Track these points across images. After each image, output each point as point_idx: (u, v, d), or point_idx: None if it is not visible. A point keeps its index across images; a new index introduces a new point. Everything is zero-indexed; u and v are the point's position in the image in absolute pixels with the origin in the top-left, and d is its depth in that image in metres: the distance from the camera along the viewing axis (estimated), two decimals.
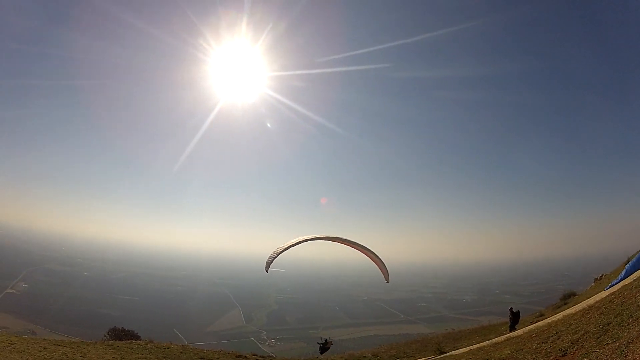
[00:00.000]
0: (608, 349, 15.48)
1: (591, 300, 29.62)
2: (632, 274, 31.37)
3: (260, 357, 42.56)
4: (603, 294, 28.90)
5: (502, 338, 31.55)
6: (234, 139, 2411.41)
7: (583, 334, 18.73)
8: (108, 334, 50.09)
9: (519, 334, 28.65)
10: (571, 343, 18.38)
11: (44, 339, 30.95)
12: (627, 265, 33.66)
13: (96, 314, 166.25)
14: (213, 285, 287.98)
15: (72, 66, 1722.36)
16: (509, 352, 22.52)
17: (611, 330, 17.41)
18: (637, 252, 35.52)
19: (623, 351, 14.43)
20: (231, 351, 41.07)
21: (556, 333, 21.67)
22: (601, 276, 46.78)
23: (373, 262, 36.34)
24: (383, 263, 35.81)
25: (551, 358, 18.08)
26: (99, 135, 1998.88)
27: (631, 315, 17.95)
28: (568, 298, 45.48)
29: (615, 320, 18.28)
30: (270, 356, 49.11)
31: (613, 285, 31.62)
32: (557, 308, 42.55)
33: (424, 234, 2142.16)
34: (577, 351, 17.20)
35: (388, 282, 37.24)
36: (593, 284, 46.57)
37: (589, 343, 17.27)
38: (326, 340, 38.29)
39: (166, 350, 35.49)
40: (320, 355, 39.65)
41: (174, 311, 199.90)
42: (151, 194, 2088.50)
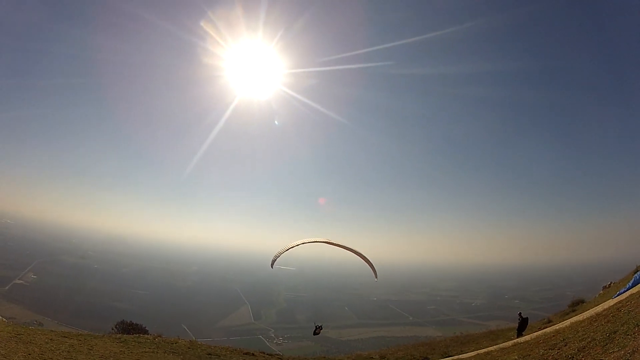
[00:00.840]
0: (613, 357, 15.57)
1: (599, 308, 29.60)
2: None
3: (267, 355, 42.77)
4: (611, 302, 28.88)
5: (510, 343, 31.67)
6: (249, 136, 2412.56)
7: (590, 342, 18.74)
8: (116, 327, 50.29)
9: (527, 340, 28.64)
10: (578, 350, 18.40)
11: (51, 331, 31.27)
12: (637, 274, 33.58)
13: (105, 307, 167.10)
14: (223, 281, 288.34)
15: (89, 64, 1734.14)
16: (516, 358, 22.62)
17: (617, 338, 17.45)
18: None
19: (628, 359, 14.49)
20: (239, 348, 41.36)
21: (563, 340, 21.67)
22: (610, 284, 46.68)
23: (365, 263, 38.01)
24: (371, 263, 37.59)
25: None
26: (114, 130, 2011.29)
27: (637, 324, 17.97)
28: (576, 305, 45.44)
29: (621, 328, 18.32)
30: (277, 354, 49.24)
31: (621, 293, 31.61)
32: (565, 315, 42.55)
33: (436, 236, 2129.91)
34: (584, 358, 17.27)
35: (377, 280, 38.50)
36: (601, 292, 46.46)
37: (595, 351, 17.31)
38: (319, 326, 40.07)
39: (174, 345, 35.80)
40: (312, 336, 43.05)
41: (183, 306, 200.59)
42: (165, 189, 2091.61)
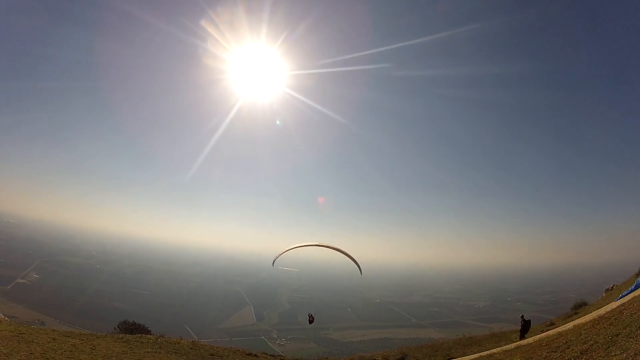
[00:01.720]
0: None
1: (602, 310, 29.54)
2: None
3: (270, 356, 42.84)
4: (613, 305, 28.85)
5: (513, 346, 31.56)
6: (253, 138, 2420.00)
7: (592, 345, 18.74)
8: (118, 327, 50.37)
9: (529, 343, 28.63)
10: (580, 353, 18.39)
11: (53, 330, 31.25)
12: (639, 277, 33.58)
13: (107, 307, 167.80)
14: (226, 282, 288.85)
15: (95, 67, 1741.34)
16: None
17: (620, 341, 17.46)
18: None
19: None
20: (241, 349, 41.39)
21: (566, 342, 21.65)
22: (612, 287, 46.60)
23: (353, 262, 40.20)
24: (357, 262, 39.74)
25: None
26: (117, 132, 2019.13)
27: None
28: (579, 308, 45.40)
29: (624, 331, 18.33)
30: (280, 355, 49.33)
31: (624, 296, 31.57)
32: (568, 317, 42.48)
33: (438, 238, 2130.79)
34: None
35: (361, 275, 40.69)
36: (604, 295, 46.41)
37: (598, 354, 17.28)
38: (311, 314, 43.95)
39: (176, 345, 35.86)
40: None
41: (186, 307, 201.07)
42: (169, 191, 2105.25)
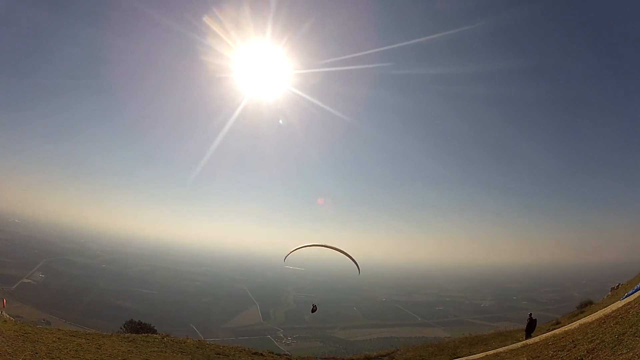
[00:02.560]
0: (622, 359, 15.56)
1: (607, 309, 29.55)
2: None
3: (276, 355, 42.86)
4: (619, 304, 28.86)
5: (519, 345, 31.60)
6: (258, 136, 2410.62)
7: (599, 343, 18.75)
8: (124, 327, 50.29)
9: (536, 342, 28.64)
10: (587, 352, 18.42)
11: (59, 329, 31.26)
12: None
13: (113, 306, 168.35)
14: (232, 281, 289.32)
15: (97, 63, 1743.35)
16: (525, 359, 22.56)
17: (626, 340, 17.45)
18: None
19: None
20: (248, 348, 41.48)
21: (572, 341, 21.68)
22: (618, 285, 46.56)
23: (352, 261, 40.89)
24: (356, 261, 40.39)
25: None
26: (122, 130, 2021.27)
27: None
28: (585, 306, 45.31)
29: (630, 330, 18.33)
30: (286, 354, 49.41)
31: (629, 295, 31.54)
32: (574, 316, 42.41)
33: (444, 237, 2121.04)
34: None
35: (359, 274, 41.02)
36: (610, 293, 46.37)
37: (604, 353, 17.30)
38: (315, 305, 46.74)
39: (182, 344, 35.83)
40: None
41: (192, 306, 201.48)
42: (174, 189, 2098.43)
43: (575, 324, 30.11)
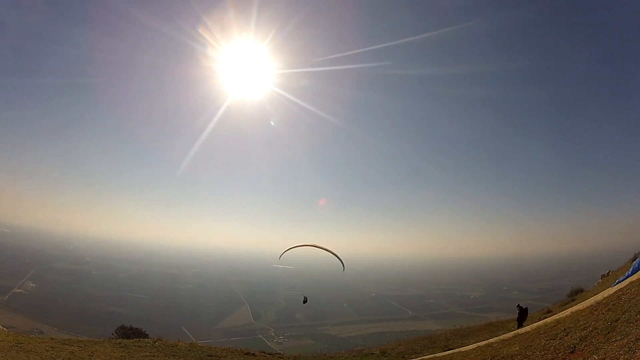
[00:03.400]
0: (616, 346, 15.39)
1: (599, 296, 29.51)
2: None
3: (268, 354, 42.73)
4: (611, 291, 28.78)
5: (510, 334, 31.58)
6: (244, 137, 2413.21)
7: (591, 331, 18.63)
8: (116, 333, 50.68)
9: (527, 331, 28.53)
10: (580, 339, 18.27)
11: (51, 338, 31.20)
12: (635, 262, 33.59)
13: (104, 312, 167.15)
14: (222, 282, 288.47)
15: (78, 64, 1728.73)
16: (518, 349, 22.45)
17: (619, 326, 17.33)
18: None
19: (631, 348, 14.38)
20: (240, 348, 41.40)
21: (564, 330, 21.55)
22: (608, 273, 46.76)
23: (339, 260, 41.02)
24: (341, 259, 40.39)
25: (560, 355, 17.94)
26: (106, 133, 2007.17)
27: (639, 311, 17.91)
28: (575, 294, 45.60)
29: (623, 316, 18.21)
30: (278, 353, 49.27)
31: (620, 281, 31.52)
32: (565, 304, 42.59)
33: (431, 231, 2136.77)
34: (586, 348, 17.07)
35: (344, 270, 41.33)
36: (600, 281, 46.58)
37: (598, 340, 17.17)
38: (306, 297, 46.86)
39: (174, 348, 35.77)
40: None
41: (183, 309, 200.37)
42: (160, 192, 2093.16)
43: (566, 312, 29.94)
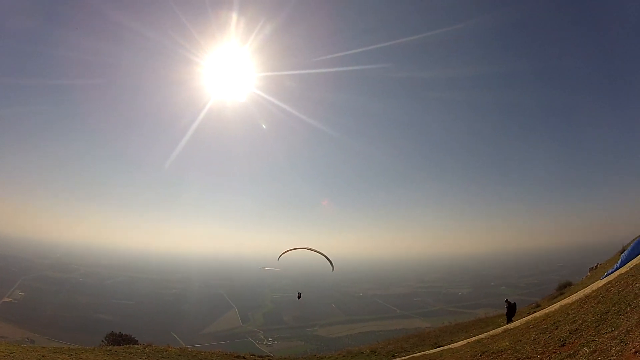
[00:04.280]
0: (607, 338, 15.40)
1: (588, 289, 29.72)
2: (628, 263, 31.51)
3: (258, 357, 42.75)
4: (599, 283, 29.01)
5: (500, 330, 31.68)
6: (225, 140, 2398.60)
7: (581, 324, 18.67)
8: (106, 340, 50.45)
9: (517, 326, 28.70)
10: (570, 333, 18.29)
11: (43, 347, 31.27)
12: (623, 254, 33.88)
13: (93, 320, 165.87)
14: (208, 286, 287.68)
15: (57, 65, 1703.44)
16: (508, 344, 22.44)
17: (610, 318, 17.37)
18: (632, 241, 35.71)
19: (622, 339, 14.37)
20: (229, 352, 41.36)
21: (554, 323, 21.63)
22: (596, 266, 47.13)
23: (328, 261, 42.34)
24: (329, 259, 41.90)
25: (550, 348, 17.91)
26: (89, 138, 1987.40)
27: (629, 303, 17.94)
28: (564, 288, 45.86)
29: (613, 309, 18.26)
30: (268, 356, 49.32)
31: (609, 274, 31.78)
32: (554, 298, 42.86)
33: (415, 230, 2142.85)
34: (576, 341, 17.07)
35: (332, 271, 42.62)
36: (588, 274, 46.91)
37: (588, 332, 17.18)
38: (299, 293, 53.06)
39: (164, 353, 35.75)
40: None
41: (171, 314, 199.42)
42: (143, 197, 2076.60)
43: (555, 306, 30.24)
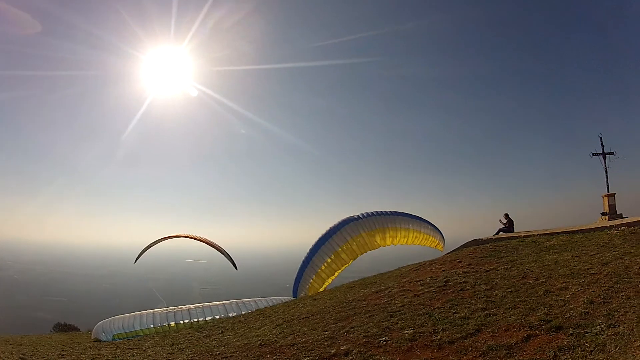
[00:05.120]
0: None
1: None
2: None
3: None
4: None
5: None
6: (160, 136, 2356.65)
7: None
8: (54, 329, 52.76)
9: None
10: None
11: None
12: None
13: (32, 319, 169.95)
14: (138, 281, 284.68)
15: None
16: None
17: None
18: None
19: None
20: None
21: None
22: None
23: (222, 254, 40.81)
24: (230, 256, 40.62)
25: None
26: (17, 134, 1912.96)
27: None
28: None
29: None
30: None
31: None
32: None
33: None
34: None
35: (237, 270, 42.45)
36: None
37: None
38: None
39: None
40: None
41: (104, 310, 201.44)
42: (73, 192, 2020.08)
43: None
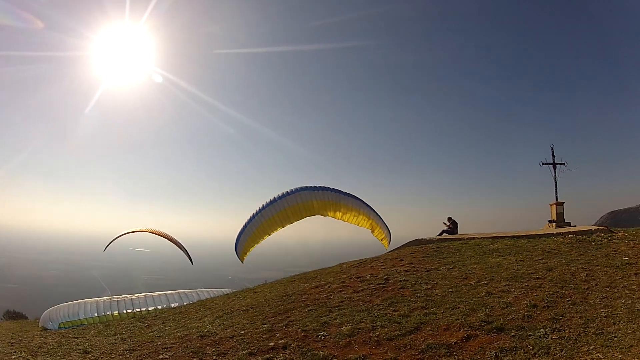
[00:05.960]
0: None
1: None
2: None
3: None
4: None
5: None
6: (116, 121, 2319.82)
7: None
8: (4, 317, 52.34)
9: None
10: None
11: None
12: None
13: None
14: (83, 268, 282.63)
15: None
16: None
17: None
18: None
19: None
20: None
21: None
22: None
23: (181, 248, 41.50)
24: (186, 249, 41.30)
25: None
26: None
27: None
28: None
29: None
30: None
31: None
32: None
33: None
34: None
35: (193, 264, 43.20)
36: None
37: None
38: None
39: None
40: None
41: (52, 297, 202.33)
42: (22, 176, 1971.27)
43: None
